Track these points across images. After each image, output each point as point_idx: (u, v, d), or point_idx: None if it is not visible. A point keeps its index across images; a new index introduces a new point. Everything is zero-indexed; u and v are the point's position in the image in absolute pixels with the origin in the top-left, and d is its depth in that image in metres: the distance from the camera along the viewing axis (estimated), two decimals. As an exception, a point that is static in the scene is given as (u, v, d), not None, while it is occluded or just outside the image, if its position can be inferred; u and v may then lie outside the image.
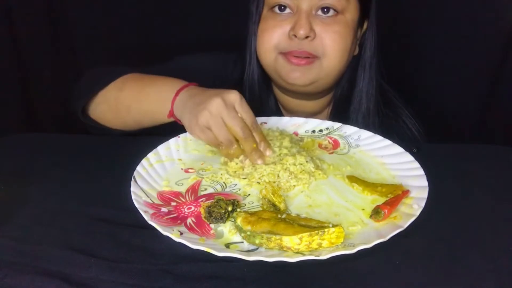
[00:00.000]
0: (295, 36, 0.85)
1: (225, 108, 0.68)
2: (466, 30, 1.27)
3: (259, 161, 0.72)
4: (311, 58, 0.87)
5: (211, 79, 1.00)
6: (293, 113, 0.99)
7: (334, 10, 0.86)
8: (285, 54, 0.87)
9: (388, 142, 0.79)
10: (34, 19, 1.29)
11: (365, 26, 0.94)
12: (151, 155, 0.74)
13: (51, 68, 1.35)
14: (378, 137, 0.81)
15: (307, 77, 0.88)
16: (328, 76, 0.90)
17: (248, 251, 0.55)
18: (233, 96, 0.70)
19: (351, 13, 0.88)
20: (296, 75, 0.88)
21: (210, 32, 1.30)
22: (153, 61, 0.97)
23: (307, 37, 0.85)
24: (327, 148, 0.81)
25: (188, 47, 1.02)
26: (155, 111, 0.80)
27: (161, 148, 0.76)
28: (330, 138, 0.83)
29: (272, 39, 0.88)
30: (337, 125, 0.86)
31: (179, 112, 0.76)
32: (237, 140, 0.71)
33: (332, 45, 0.86)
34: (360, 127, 0.84)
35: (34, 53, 1.32)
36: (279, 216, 0.60)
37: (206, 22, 1.31)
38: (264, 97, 0.99)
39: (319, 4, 0.85)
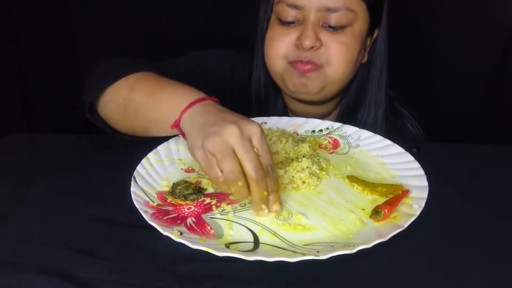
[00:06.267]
0: (301, 45, 0.85)
1: (239, 138, 0.58)
2: (466, 30, 1.27)
3: (261, 214, 0.61)
4: (315, 65, 0.86)
5: (226, 78, 0.99)
6: (300, 116, 0.98)
7: (340, 26, 0.85)
8: (292, 62, 0.87)
9: (388, 142, 0.79)
10: (33, 18, 1.29)
11: (375, 34, 0.93)
12: (151, 155, 0.74)
13: (51, 68, 1.35)
14: (378, 137, 0.81)
15: (314, 83, 0.87)
16: (334, 84, 0.89)
17: (248, 251, 0.55)
18: (253, 129, 0.59)
19: (360, 25, 0.87)
20: (304, 81, 0.87)
21: (213, 30, 1.29)
22: (155, 59, 0.96)
23: (312, 47, 0.85)
24: (327, 148, 0.81)
25: (192, 45, 1.01)
26: (162, 120, 0.70)
27: (161, 148, 0.76)
28: (330, 138, 0.83)
29: (279, 48, 0.88)
30: (337, 125, 0.86)
31: (186, 126, 0.65)
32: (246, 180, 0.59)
33: (337, 55, 0.86)
34: None
35: (34, 53, 1.32)
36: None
37: (210, 21, 1.30)
38: (271, 101, 0.99)
39: (325, 19, 0.84)
